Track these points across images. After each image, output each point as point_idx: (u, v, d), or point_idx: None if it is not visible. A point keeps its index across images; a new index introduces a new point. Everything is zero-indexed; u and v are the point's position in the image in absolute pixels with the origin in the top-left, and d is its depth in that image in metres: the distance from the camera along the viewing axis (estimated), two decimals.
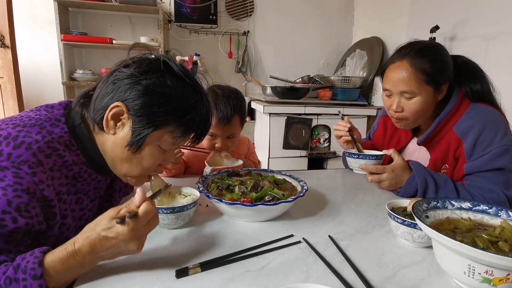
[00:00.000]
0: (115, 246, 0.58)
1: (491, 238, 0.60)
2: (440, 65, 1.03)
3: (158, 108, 0.71)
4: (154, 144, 0.74)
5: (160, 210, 0.76)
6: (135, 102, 0.70)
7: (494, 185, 0.95)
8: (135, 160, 0.75)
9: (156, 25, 3.07)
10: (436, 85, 1.03)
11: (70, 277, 0.60)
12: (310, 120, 2.70)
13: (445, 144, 1.07)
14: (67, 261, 0.58)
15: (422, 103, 1.04)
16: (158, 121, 0.71)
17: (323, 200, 1.01)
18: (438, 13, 2.34)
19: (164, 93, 0.71)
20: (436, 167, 1.09)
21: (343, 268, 0.65)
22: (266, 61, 3.46)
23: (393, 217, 0.76)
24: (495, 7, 1.94)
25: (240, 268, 0.64)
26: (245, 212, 0.82)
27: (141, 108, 0.70)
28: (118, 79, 0.71)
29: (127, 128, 0.72)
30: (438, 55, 1.04)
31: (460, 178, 1.04)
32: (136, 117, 0.70)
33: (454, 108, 1.05)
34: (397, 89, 1.05)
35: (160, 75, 0.72)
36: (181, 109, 0.74)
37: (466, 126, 1.02)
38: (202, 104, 0.77)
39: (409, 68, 1.03)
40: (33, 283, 0.56)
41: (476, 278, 0.54)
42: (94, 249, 0.58)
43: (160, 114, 0.71)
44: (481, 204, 0.71)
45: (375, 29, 3.18)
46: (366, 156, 1.08)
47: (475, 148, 0.99)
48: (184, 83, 0.74)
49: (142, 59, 0.74)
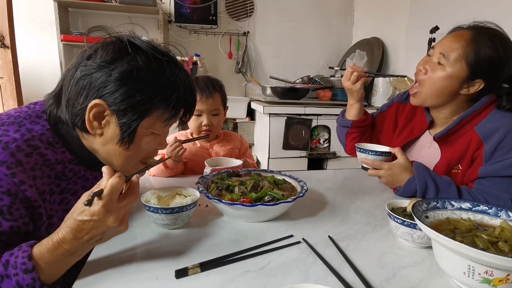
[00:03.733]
0: (95, 227, 0.56)
1: (491, 239, 0.60)
2: (495, 58, 0.94)
3: (141, 96, 0.66)
4: (147, 133, 0.71)
5: (159, 211, 0.76)
6: (114, 95, 0.65)
7: (503, 193, 0.91)
8: (131, 153, 0.72)
9: (156, 25, 3.07)
10: (473, 72, 0.95)
11: (63, 267, 0.59)
12: (310, 120, 2.70)
13: (464, 144, 1.01)
14: (55, 251, 0.56)
15: (445, 77, 0.97)
16: (144, 109, 0.68)
17: (322, 201, 1.01)
18: (438, 13, 2.35)
19: (141, 77, 0.66)
20: (449, 166, 1.04)
21: (343, 269, 0.65)
22: (266, 62, 3.47)
23: (392, 218, 0.76)
24: (495, 8, 1.94)
25: (239, 269, 0.64)
26: (245, 212, 0.82)
27: (123, 100, 0.65)
28: (86, 74, 0.66)
29: (114, 125, 0.68)
30: (503, 49, 0.95)
31: (471, 180, 0.99)
32: (120, 111, 0.66)
33: (481, 108, 0.99)
34: (441, 48, 1.00)
35: (131, 59, 0.66)
36: (164, 89, 0.69)
37: (491, 127, 0.96)
38: (183, 77, 0.72)
39: (467, 38, 0.95)
40: (25, 277, 0.54)
41: (476, 279, 0.54)
42: (76, 235, 0.56)
43: (144, 101, 0.67)
44: (481, 205, 0.71)
45: (375, 29, 3.18)
46: (366, 151, 1.09)
47: (495, 152, 0.94)
48: (158, 60, 0.69)
49: (104, 45, 0.68)
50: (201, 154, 1.38)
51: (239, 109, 3.11)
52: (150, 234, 0.77)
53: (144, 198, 0.81)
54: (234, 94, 3.38)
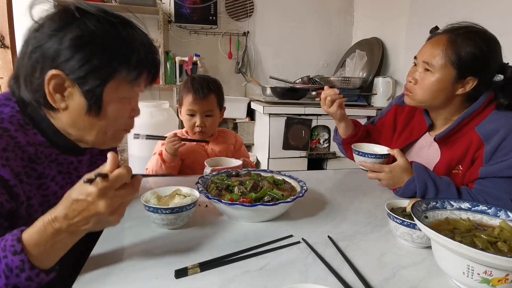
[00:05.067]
0: (86, 209, 0.55)
1: (490, 239, 0.60)
2: (478, 54, 0.95)
3: (98, 59, 0.65)
4: (115, 98, 0.69)
5: (159, 211, 0.76)
6: (71, 63, 0.63)
7: (503, 193, 0.92)
8: (103, 123, 0.70)
9: (156, 25, 3.07)
10: (461, 72, 0.97)
11: (53, 251, 0.58)
12: (309, 120, 2.70)
13: (464, 145, 1.01)
14: (44, 230, 0.55)
15: (436, 82, 0.99)
16: (104, 72, 0.66)
17: (322, 201, 1.01)
18: (438, 13, 2.35)
19: (94, 40, 0.64)
20: (449, 166, 1.04)
21: (342, 269, 0.65)
22: (266, 62, 3.47)
23: (392, 218, 0.76)
24: (495, 8, 1.94)
25: (239, 269, 0.64)
26: (245, 212, 0.82)
27: (80, 66, 0.63)
28: (37, 46, 0.64)
29: (77, 95, 0.66)
30: (484, 43, 0.96)
31: (471, 180, 0.99)
32: (80, 78, 0.64)
33: (480, 108, 0.99)
34: (422, 57, 1.02)
35: (80, 23, 0.64)
36: (122, 50, 0.67)
37: (491, 128, 0.96)
38: (139, 37, 0.71)
39: (445, 42, 0.98)
40: (14, 259, 0.54)
41: (475, 279, 0.55)
42: (67, 214, 0.55)
43: (103, 65, 0.65)
44: (480, 205, 0.71)
45: (374, 29, 3.18)
46: (365, 154, 1.09)
47: (495, 153, 0.94)
48: (110, 22, 0.67)
49: (51, 16, 0.66)
50: (198, 151, 1.41)
51: (239, 109, 3.11)
52: (149, 234, 0.77)
53: (144, 198, 0.81)
54: (234, 94, 3.38)
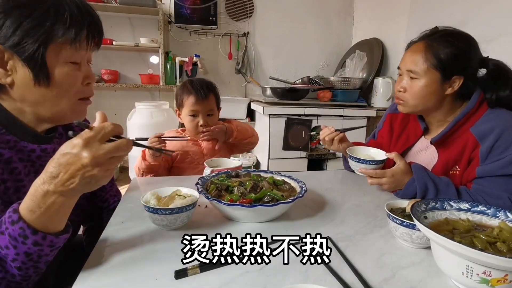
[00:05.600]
0: (71, 162, 0.54)
1: (489, 239, 0.60)
2: (457, 53, 0.99)
3: (30, 22, 0.63)
4: (60, 63, 0.68)
5: (159, 211, 0.76)
6: (2, 31, 0.62)
7: (502, 192, 0.92)
8: (56, 92, 0.69)
9: (156, 26, 3.08)
10: (446, 73, 1.00)
11: (49, 214, 0.57)
12: (309, 121, 2.71)
13: (460, 145, 1.03)
14: (35, 195, 0.55)
15: (424, 87, 1.02)
16: (40, 35, 0.64)
17: (322, 201, 1.02)
18: (438, 14, 2.35)
19: (21, 3, 0.63)
20: (447, 167, 1.06)
21: (342, 269, 0.65)
22: (266, 62, 3.47)
23: (392, 218, 0.76)
24: (494, 9, 1.94)
25: (239, 269, 0.64)
26: (244, 213, 0.83)
27: (13, 32, 0.62)
28: None
29: (20, 66, 0.65)
30: (461, 42, 1.00)
31: (469, 180, 1.01)
32: (16, 45, 0.63)
33: (473, 108, 1.01)
34: (405, 67, 1.05)
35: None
36: (53, 9, 0.66)
37: (485, 128, 0.97)
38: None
39: (423, 49, 1.01)
40: (14, 228, 0.56)
41: (474, 279, 0.55)
42: (53, 172, 0.54)
43: (37, 27, 0.64)
44: (480, 205, 0.71)
45: (374, 30, 3.18)
46: (366, 161, 1.07)
47: (491, 152, 0.96)
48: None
49: None
50: (192, 145, 1.47)
51: (239, 110, 3.11)
52: (149, 235, 0.77)
53: (144, 199, 0.81)
54: (234, 94, 3.39)
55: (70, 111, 0.74)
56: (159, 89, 3.27)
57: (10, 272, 0.59)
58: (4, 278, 0.59)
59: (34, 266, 0.59)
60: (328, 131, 1.21)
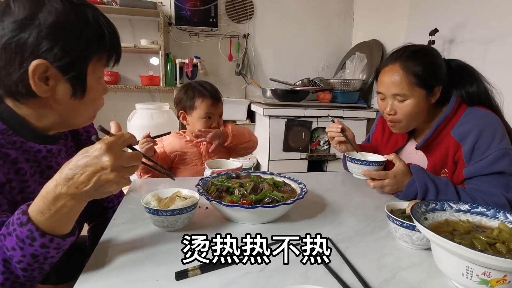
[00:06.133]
0: (90, 164, 0.55)
1: (489, 240, 0.60)
2: (431, 67, 1.05)
3: (78, 44, 0.66)
4: (93, 79, 0.72)
5: (160, 213, 0.76)
6: (53, 52, 0.64)
7: (495, 188, 0.95)
8: (86, 102, 0.73)
9: (157, 27, 3.08)
10: (428, 87, 1.05)
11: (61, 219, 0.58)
12: (310, 122, 2.71)
13: (444, 149, 1.07)
14: (46, 196, 0.56)
15: (414, 105, 1.06)
16: (85, 56, 0.68)
17: (322, 202, 1.02)
18: (437, 16, 2.36)
19: (71, 26, 0.65)
20: (435, 171, 1.09)
21: (342, 270, 0.65)
22: (266, 64, 3.48)
23: (392, 219, 0.76)
24: (494, 11, 1.95)
25: (239, 270, 0.64)
26: (245, 214, 0.83)
27: (64, 54, 0.65)
28: (11, 37, 0.62)
29: (61, 81, 0.67)
30: (430, 57, 1.07)
31: (460, 182, 1.04)
32: (65, 64, 0.66)
33: (452, 112, 1.06)
34: (390, 92, 1.08)
35: (51, 9, 0.64)
36: (96, 32, 0.69)
37: (464, 130, 1.02)
38: (102, 17, 0.72)
39: (400, 71, 1.05)
40: (22, 230, 0.56)
41: (474, 280, 0.55)
42: (68, 174, 0.55)
43: (84, 49, 0.67)
44: (479, 206, 0.72)
45: (374, 32, 3.19)
46: (369, 163, 1.07)
47: (473, 152, 0.99)
48: (74, 4, 0.67)
49: (9, 3, 0.63)
50: (190, 146, 1.48)
51: (239, 111, 3.12)
52: (150, 236, 0.78)
53: (144, 200, 0.81)
54: (234, 96, 3.39)
55: (87, 119, 0.80)
56: (159, 91, 3.27)
57: (14, 273, 0.59)
58: (8, 279, 0.59)
59: (39, 267, 0.59)
60: (334, 128, 1.22)
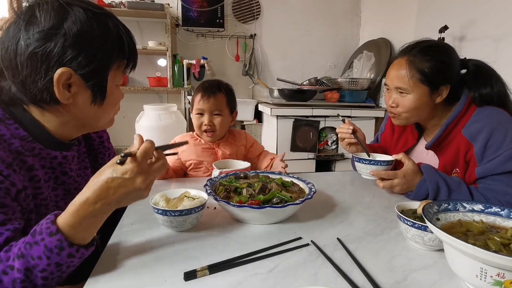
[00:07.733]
0: (123, 185, 0.59)
1: (503, 241, 0.59)
2: (439, 66, 1.02)
3: (100, 52, 0.69)
4: (113, 86, 0.75)
5: (168, 213, 0.76)
6: (78, 60, 0.66)
7: (508, 188, 0.93)
8: (104, 109, 0.76)
9: (164, 29, 3.10)
10: (433, 85, 1.03)
11: (88, 231, 0.61)
12: (317, 122, 2.69)
13: (455, 148, 1.05)
14: (77, 212, 0.58)
15: (414, 101, 1.05)
16: (106, 64, 0.71)
17: (331, 203, 1.01)
18: (447, 13, 2.32)
19: (94, 35, 0.68)
20: (446, 171, 1.06)
21: (352, 271, 0.64)
22: (273, 64, 3.47)
23: (402, 220, 0.75)
24: (504, 7, 1.91)
25: (248, 271, 0.64)
26: (253, 214, 0.82)
27: (88, 62, 0.67)
28: (37, 46, 0.63)
29: (83, 88, 0.70)
30: (440, 55, 1.04)
31: (472, 182, 1.01)
32: (88, 72, 0.68)
33: (462, 111, 1.03)
34: (393, 84, 1.08)
35: (75, 19, 0.65)
36: (116, 41, 0.72)
37: (475, 128, 1.00)
38: (121, 26, 0.75)
39: (406, 66, 1.04)
40: (52, 240, 0.57)
41: (488, 281, 0.53)
42: (101, 194, 0.58)
43: (105, 58, 0.70)
44: (493, 206, 0.70)
45: (382, 30, 3.16)
46: (377, 162, 1.06)
47: (485, 151, 0.97)
48: (95, 14, 0.69)
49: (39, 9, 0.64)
50: (207, 154, 1.39)
51: (247, 112, 3.11)
52: (158, 236, 0.78)
53: (153, 201, 0.82)
54: (241, 96, 3.39)
55: (107, 123, 0.83)
56: (167, 92, 3.29)
57: (33, 282, 0.59)
58: None
59: (59, 276, 0.60)
60: (345, 129, 1.21)
